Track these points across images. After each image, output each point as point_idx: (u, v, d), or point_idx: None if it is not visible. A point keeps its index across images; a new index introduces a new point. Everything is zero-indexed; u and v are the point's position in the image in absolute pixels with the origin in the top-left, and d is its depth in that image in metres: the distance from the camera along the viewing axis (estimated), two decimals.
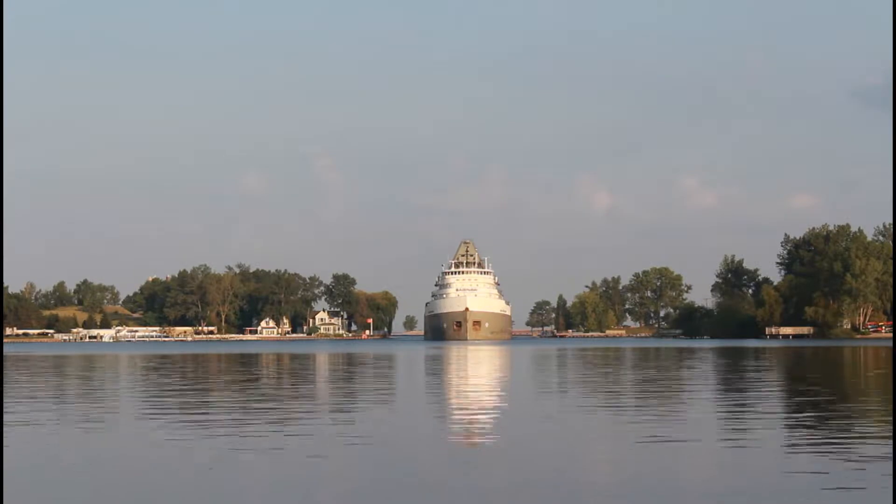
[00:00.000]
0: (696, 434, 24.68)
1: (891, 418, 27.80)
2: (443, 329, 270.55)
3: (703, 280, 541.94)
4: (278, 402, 35.48)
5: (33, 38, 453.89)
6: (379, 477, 18.31)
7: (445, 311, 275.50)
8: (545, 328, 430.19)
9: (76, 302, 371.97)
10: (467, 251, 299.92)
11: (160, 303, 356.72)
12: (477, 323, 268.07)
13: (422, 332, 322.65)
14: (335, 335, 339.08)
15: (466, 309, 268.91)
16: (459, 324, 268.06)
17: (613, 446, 22.57)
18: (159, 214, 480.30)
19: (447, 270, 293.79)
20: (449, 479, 18.05)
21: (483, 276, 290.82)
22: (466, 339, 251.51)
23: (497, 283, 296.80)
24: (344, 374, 59.07)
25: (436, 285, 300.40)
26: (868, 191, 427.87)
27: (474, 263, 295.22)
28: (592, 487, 17.28)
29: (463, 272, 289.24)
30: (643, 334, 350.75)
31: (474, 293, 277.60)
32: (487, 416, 30.14)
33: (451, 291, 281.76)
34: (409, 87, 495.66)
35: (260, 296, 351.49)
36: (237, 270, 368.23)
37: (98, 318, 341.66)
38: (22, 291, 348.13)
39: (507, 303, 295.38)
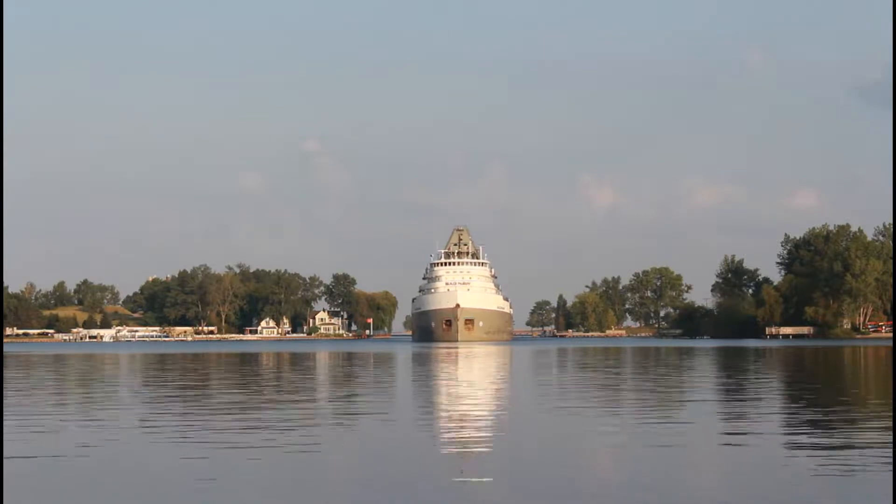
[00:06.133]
0: (697, 436, 24.65)
1: (891, 418, 27.75)
2: (431, 328, 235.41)
3: (703, 280, 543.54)
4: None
5: (33, 38, 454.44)
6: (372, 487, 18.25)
7: (433, 307, 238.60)
8: (545, 328, 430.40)
9: (76, 302, 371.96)
10: (460, 239, 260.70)
11: (160, 303, 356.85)
12: (469, 321, 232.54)
13: None
14: (335, 335, 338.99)
15: (457, 305, 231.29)
16: (449, 322, 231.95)
17: (614, 451, 22.51)
18: (159, 214, 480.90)
19: (436, 261, 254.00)
20: (446, 487, 18.00)
21: (478, 267, 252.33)
22: (458, 340, 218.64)
23: (494, 276, 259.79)
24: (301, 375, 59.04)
25: (424, 278, 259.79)
26: (868, 191, 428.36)
27: (467, 253, 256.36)
28: (594, 493, 17.23)
29: (454, 263, 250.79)
30: (643, 334, 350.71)
31: (467, 287, 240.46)
32: (480, 419, 30.07)
33: (441, 285, 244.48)
34: (410, 86, 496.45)
35: (260, 296, 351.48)
36: (237, 270, 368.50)
37: (98, 318, 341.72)
38: (22, 291, 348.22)
39: (506, 299, 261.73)
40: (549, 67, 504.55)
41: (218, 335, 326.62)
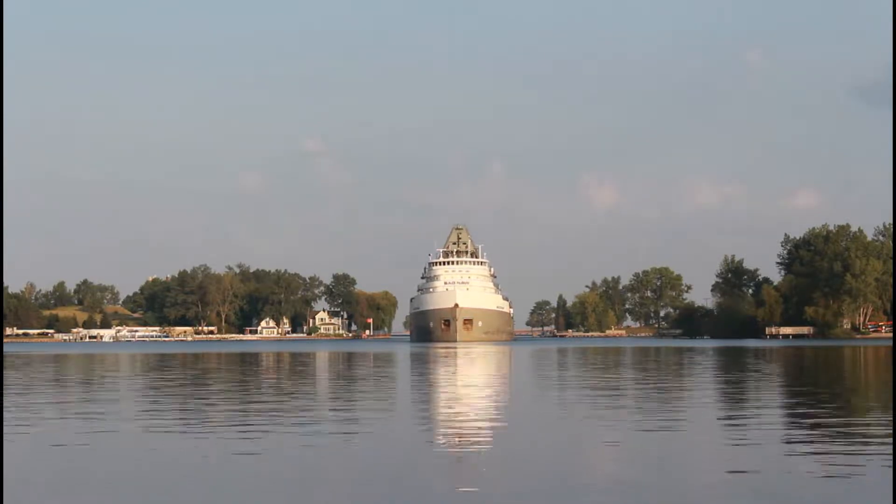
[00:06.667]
0: (698, 437, 24.65)
1: (891, 418, 27.74)
2: (429, 329, 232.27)
3: (703, 280, 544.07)
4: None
5: (34, 39, 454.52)
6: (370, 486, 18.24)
7: (431, 307, 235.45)
8: (545, 328, 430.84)
9: (76, 302, 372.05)
10: (459, 238, 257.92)
11: (160, 303, 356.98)
12: (468, 321, 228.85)
13: None
14: (335, 335, 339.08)
15: (456, 305, 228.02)
16: (448, 322, 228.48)
17: (614, 451, 22.50)
18: (159, 214, 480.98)
19: (435, 260, 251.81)
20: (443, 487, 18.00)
21: (477, 266, 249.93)
22: (456, 341, 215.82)
23: (493, 276, 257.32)
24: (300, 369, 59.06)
25: (422, 278, 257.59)
26: (868, 191, 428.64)
27: (466, 252, 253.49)
28: (593, 494, 17.21)
29: (453, 262, 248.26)
30: (643, 334, 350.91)
31: (465, 287, 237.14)
32: (477, 417, 30.05)
33: (439, 285, 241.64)
34: (410, 86, 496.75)
35: (260, 296, 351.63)
36: (237, 270, 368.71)
37: (98, 318, 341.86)
38: (22, 291, 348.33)
39: (506, 298, 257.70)
40: (549, 67, 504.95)
41: (218, 335, 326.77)
